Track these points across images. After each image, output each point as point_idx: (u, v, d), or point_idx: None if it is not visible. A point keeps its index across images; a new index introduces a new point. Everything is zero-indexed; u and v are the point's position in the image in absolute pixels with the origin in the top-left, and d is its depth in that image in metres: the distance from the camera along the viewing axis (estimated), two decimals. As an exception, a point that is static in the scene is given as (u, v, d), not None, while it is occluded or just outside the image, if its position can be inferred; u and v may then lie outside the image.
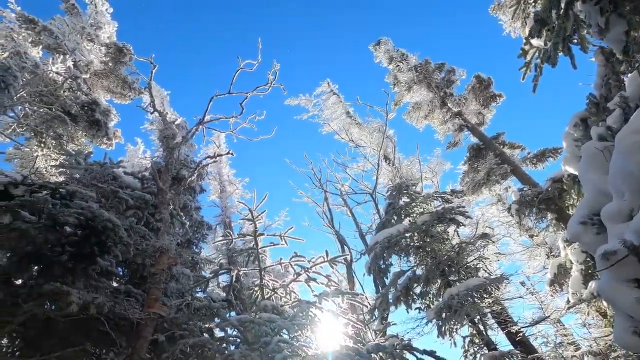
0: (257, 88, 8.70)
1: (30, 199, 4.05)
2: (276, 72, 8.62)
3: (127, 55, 11.56)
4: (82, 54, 10.66)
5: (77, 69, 10.53)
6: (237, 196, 15.92)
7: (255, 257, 6.93)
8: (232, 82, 8.45)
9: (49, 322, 4.88)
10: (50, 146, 9.30)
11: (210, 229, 11.46)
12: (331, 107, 16.74)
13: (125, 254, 4.82)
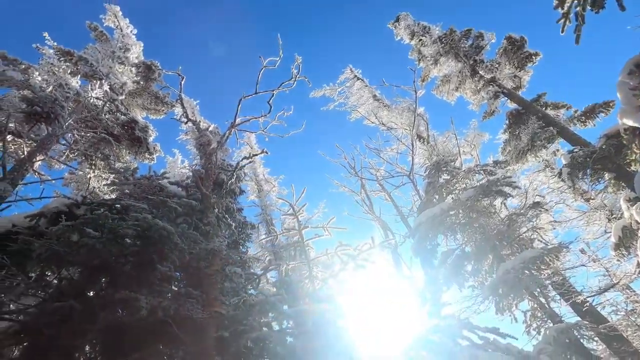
0: (282, 84, 8.76)
1: (92, 216, 4.38)
2: (299, 65, 8.62)
3: (155, 72, 12.07)
4: (116, 77, 11.27)
5: (113, 91, 11.15)
6: (275, 194, 16.24)
7: (302, 250, 7.04)
8: (257, 82, 8.57)
9: (123, 327, 5.27)
10: (100, 167, 9.98)
11: (254, 228, 11.79)
12: (357, 93, 16.48)
13: (181, 258, 5.09)
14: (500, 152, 12.65)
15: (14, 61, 8.85)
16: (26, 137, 8.04)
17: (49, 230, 4.67)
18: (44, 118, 7.64)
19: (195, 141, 9.62)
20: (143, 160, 11.87)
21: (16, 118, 7.63)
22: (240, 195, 11.07)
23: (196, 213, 6.38)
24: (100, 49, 11.64)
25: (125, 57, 11.97)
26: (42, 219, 4.99)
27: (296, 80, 8.67)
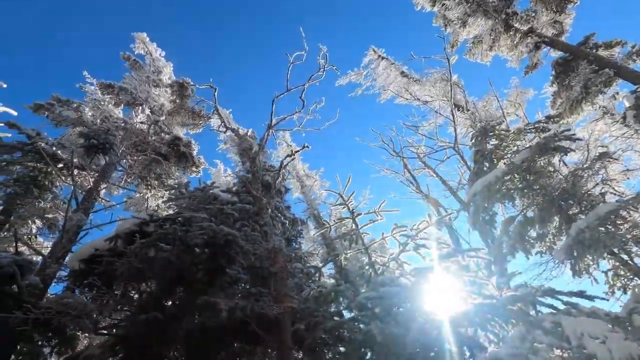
0: (311, 77, 8.75)
1: (163, 231, 4.69)
2: (326, 55, 8.55)
3: (188, 89, 12.57)
4: (154, 100, 11.89)
5: (154, 114, 11.79)
6: (317, 187, 16.37)
7: (357, 238, 7.05)
8: (287, 79, 8.63)
9: (205, 330, 5.59)
10: (155, 186, 10.64)
11: (304, 224, 12.00)
12: (383, 73, 16.04)
13: (247, 260, 5.30)
14: (550, 107, 11.75)
15: (67, 102, 9.65)
16: (89, 169, 8.76)
17: (127, 250, 5.06)
18: (100, 149, 8.27)
19: (237, 148, 9.93)
20: (190, 174, 12.48)
21: (78, 153, 8.33)
22: (286, 193, 11.30)
23: (251, 216, 6.59)
24: (135, 76, 12.32)
25: (159, 80, 12.58)
26: (119, 240, 5.41)
27: (325, 70, 8.62)
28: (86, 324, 6.22)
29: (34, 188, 8.86)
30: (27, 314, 4.87)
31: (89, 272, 5.60)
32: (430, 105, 13.57)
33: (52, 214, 8.94)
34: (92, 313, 5.15)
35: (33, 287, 5.93)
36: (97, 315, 5.73)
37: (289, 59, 8.57)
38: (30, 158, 8.20)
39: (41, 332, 6.59)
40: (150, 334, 5.73)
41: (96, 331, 5.68)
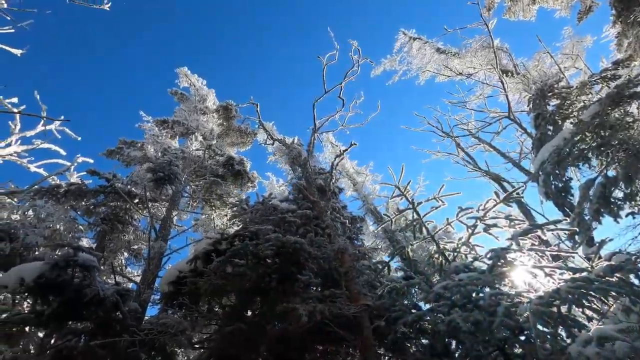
0: (347, 74, 8.74)
1: (236, 248, 5.00)
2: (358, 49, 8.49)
3: (232, 110, 13.24)
4: (204, 126, 12.69)
5: (206, 139, 12.59)
6: (369, 181, 16.25)
7: (421, 227, 6.88)
8: (324, 81, 8.73)
9: (287, 335, 5.83)
10: (217, 206, 11.34)
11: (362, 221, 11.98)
12: (418, 54, 15.45)
13: (316, 264, 5.44)
14: (616, 50, 10.45)
15: (132, 143, 10.70)
16: (160, 200, 9.62)
17: (206, 269, 5.47)
18: (167, 180, 9.04)
19: (286, 157, 10.23)
20: (247, 190, 13.10)
21: (148, 187, 9.19)
22: (339, 193, 11.37)
23: (312, 221, 6.75)
24: (184, 107, 13.27)
25: (205, 107, 13.42)
26: (198, 261, 5.87)
27: (359, 64, 8.56)
28: (182, 341, 6.81)
29: (117, 224, 9.93)
30: (133, 336, 5.46)
31: (177, 293, 6.14)
32: (474, 77, 12.81)
33: (136, 245, 9.95)
34: (186, 330, 5.62)
35: (134, 312, 6.64)
36: (189, 332, 6.26)
37: (322, 61, 8.66)
38: (111, 198, 9.23)
39: (146, 352, 7.34)
40: (237, 343, 6.12)
41: (192, 346, 6.19)
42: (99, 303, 6.07)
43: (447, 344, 5.14)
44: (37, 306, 5.93)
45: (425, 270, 9.20)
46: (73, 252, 5.56)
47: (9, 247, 8.13)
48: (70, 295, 5.86)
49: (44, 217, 9.72)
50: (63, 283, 5.64)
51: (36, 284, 5.42)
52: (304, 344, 6.30)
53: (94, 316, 6.36)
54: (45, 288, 5.66)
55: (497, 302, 4.23)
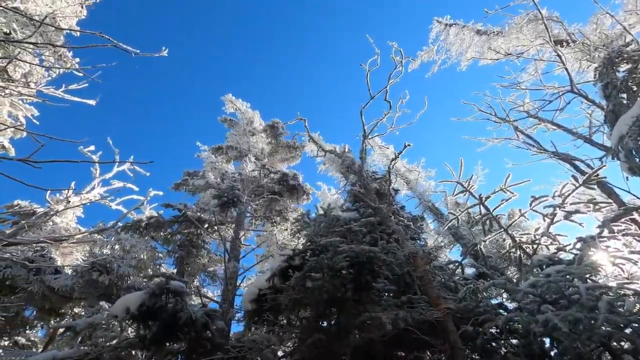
0: (390, 76, 8.71)
1: (312, 262, 5.19)
2: (400, 51, 8.43)
3: (279, 128, 13.75)
4: (255, 147, 13.31)
5: (258, 159, 13.17)
6: (423, 178, 15.81)
7: (491, 221, 6.59)
8: (368, 87, 8.77)
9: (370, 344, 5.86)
10: (278, 222, 11.78)
11: (422, 220, 11.72)
12: (456, 40, 14.86)
13: (390, 271, 5.45)
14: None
15: (195, 173, 11.53)
16: (226, 222, 10.23)
17: (284, 285, 5.73)
18: (231, 203, 9.62)
19: (339, 166, 10.37)
20: (302, 202, 13.44)
21: (215, 211, 9.84)
22: (396, 195, 11.25)
23: (377, 227, 6.77)
24: (234, 132, 14.03)
25: (253, 129, 14.07)
26: (275, 278, 6.16)
27: (402, 65, 8.50)
28: (268, 355, 7.14)
29: (192, 249, 10.72)
30: (228, 353, 5.85)
31: (259, 310, 6.48)
32: (524, 55, 12.02)
33: (211, 267, 10.66)
34: (274, 344, 5.90)
35: (221, 331, 7.12)
36: (276, 346, 6.56)
37: (365, 67, 8.71)
38: (184, 226, 10.02)
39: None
40: (319, 354, 6.28)
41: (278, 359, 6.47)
42: (191, 324, 6.59)
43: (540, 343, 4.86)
44: (141, 331, 6.60)
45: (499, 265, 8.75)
46: (165, 280, 6.13)
47: (107, 278, 9.12)
48: (166, 320, 6.43)
49: (129, 248, 10.78)
50: (160, 309, 6.23)
51: (139, 311, 6.05)
52: (386, 351, 6.30)
53: (187, 337, 6.90)
54: (146, 314, 6.29)
55: (597, 296, 3.92)
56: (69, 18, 10.28)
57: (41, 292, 9.80)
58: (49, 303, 10.37)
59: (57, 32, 10.27)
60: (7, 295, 10.00)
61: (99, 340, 7.23)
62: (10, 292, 9.87)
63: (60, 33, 10.60)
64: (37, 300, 10.19)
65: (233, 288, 8.19)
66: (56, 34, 9.74)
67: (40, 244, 9.76)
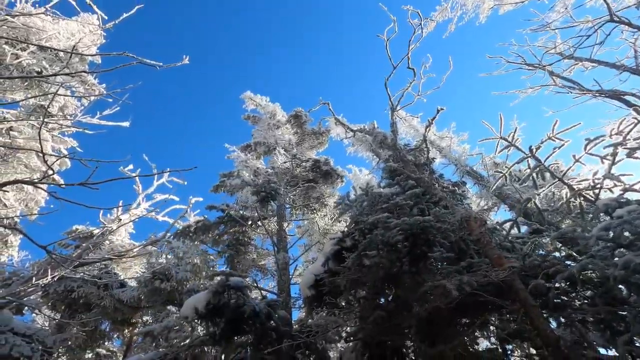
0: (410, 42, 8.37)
1: (366, 240, 5.19)
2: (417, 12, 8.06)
3: (302, 116, 13.72)
4: (282, 139, 13.39)
5: (287, 151, 13.25)
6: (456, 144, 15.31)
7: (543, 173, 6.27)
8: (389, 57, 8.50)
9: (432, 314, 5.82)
10: (317, 208, 11.87)
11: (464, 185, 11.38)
12: (471, -8, 14.03)
13: (445, 239, 5.35)
14: None
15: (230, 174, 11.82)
16: (268, 216, 10.45)
17: (340, 267, 5.79)
18: (270, 197, 9.79)
19: (371, 143, 10.22)
20: (338, 186, 13.42)
21: (256, 207, 10.06)
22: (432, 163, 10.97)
23: (422, 198, 6.64)
24: (259, 128, 14.16)
25: (277, 122, 14.14)
26: (329, 261, 6.23)
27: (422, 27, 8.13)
28: (332, 337, 7.30)
29: (240, 247, 11.06)
30: (295, 339, 6.03)
31: (318, 295, 6.61)
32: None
33: (260, 262, 10.97)
34: (340, 326, 6.02)
35: (284, 319, 7.35)
36: (339, 328, 6.69)
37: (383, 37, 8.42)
38: (229, 226, 10.34)
39: (301, 352, 8.07)
40: (382, 330, 6.34)
41: (344, 340, 6.60)
42: (255, 316, 6.85)
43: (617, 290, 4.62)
44: (210, 328, 6.94)
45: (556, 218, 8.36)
46: (225, 278, 6.37)
47: (168, 285, 9.64)
48: (232, 315, 6.71)
49: (182, 255, 11.30)
50: (224, 305, 6.50)
51: (206, 310, 6.35)
52: (451, 319, 6.25)
53: (253, 328, 7.18)
54: (212, 312, 6.59)
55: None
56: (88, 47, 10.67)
57: (112, 305, 10.54)
58: (121, 315, 11.15)
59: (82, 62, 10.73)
60: (84, 312, 10.85)
61: (174, 341, 7.70)
62: (86, 309, 10.70)
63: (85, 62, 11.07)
64: (110, 314, 10.99)
65: (287, 278, 8.40)
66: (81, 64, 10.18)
67: (104, 261, 10.46)
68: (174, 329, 7.90)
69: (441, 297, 5.09)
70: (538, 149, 5.80)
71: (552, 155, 5.78)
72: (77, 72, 5.25)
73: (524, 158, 5.94)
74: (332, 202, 11.58)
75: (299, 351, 7.89)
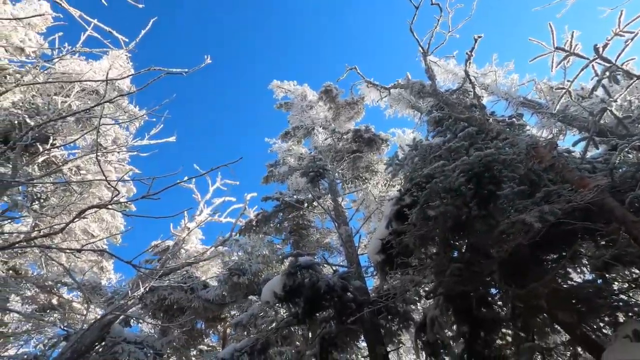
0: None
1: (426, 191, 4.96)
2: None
3: (333, 90, 13.44)
4: (317, 118, 13.25)
5: (325, 128, 13.11)
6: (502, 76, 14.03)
7: (615, 76, 5.45)
8: (410, 0, 7.85)
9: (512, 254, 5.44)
10: (368, 177, 11.68)
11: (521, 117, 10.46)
12: None
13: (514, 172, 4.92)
14: None
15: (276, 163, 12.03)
16: (321, 195, 10.51)
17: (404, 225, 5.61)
18: (319, 175, 9.79)
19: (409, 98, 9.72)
20: (383, 152, 13.05)
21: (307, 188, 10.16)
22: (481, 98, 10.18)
23: (477, 137, 6.16)
24: (293, 113, 14.15)
25: (308, 102, 14.01)
26: (392, 222, 6.08)
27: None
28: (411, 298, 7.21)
29: (301, 230, 11.30)
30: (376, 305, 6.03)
31: (387, 259, 6.52)
32: None
33: (324, 240, 11.14)
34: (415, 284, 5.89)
35: (360, 289, 7.41)
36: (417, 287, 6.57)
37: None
38: (287, 212, 10.59)
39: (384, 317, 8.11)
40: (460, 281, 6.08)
41: (426, 297, 6.47)
42: (331, 291, 6.96)
43: None
44: (291, 309, 7.22)
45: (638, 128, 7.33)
46: (295, 259, 6.53)
47: (245, 279, 10.18)
48: (309, 293, 6.89)
49: (251, 250, 11.84)
50: (300, 285, 6.69)
51: (284, 292, 6.59)
52: (536, 256, 5.82)
53: (332, 302, 7.33)
54: (290, 293, 6.82)
55: None
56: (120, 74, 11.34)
57: (201, 305, 11.44)
58: (211, 312, 12.08)
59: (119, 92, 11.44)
60: (179, 316, 11.92)
61: (262, 327, 8.15)
62: (180, 312, 11.74)
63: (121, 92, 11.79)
64: (201, 313, 11.95)
65: (353, 249, 8.42)
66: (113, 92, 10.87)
67: (184, 267, 11.33)
68: (259, 316, 8.37)
69: (521, 235, 4.72)
70: (605, 47, 5.01)
71: (622, 54, 4.97)
72: (115, 98, 5.55)
73: (588, 63, 5.19)
74: (382, 167, 11.30)
75: (380, 316, 7.95)
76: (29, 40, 9.51)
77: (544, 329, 5.97)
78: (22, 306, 11.78)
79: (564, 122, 11.30)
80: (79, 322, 11.52)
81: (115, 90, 11.43)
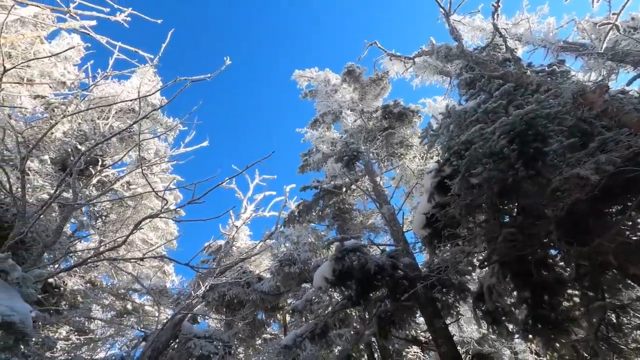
0: None
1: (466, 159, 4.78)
2: None
3: (355, 70, 13.20)
4: (344, 100, 13.10)
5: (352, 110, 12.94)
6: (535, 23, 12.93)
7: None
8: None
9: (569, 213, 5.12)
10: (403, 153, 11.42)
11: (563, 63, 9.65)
12: None
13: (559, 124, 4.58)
14: None
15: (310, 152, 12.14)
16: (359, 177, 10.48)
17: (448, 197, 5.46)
18: (353, 158, 9.76)
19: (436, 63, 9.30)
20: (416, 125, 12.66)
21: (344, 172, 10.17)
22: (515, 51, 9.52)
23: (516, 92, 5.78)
24: (319, 100, 14.09)
25: (333, 86, 13.86)
26: (434, 195, 5.95)
27: None
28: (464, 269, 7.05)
29: (344, 215, 11.36)
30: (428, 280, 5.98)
31: (434, 232, 6.40)
32: None
33: (368, 222, 11.14)
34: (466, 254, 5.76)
35: (410, 266, 7.37)
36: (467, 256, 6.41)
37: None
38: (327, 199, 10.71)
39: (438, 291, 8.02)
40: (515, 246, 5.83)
41: (480, 266, 6.31)
42: (381, 270, 6.99)
43: None
44: (345, 292, 7.36)
45: None
46: (341, 243, 6.62)
47: (296, 268, 10.49)
48: (359, 274, 6.97)
49: (297, 239, 12.14)
50: (349, 268, 6.78)
51: (334, 276, 6.72)
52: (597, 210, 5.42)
53: (383, 282, 7.36)
54: (341, 277, 6.95)
55: None
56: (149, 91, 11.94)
57: (259, 297, 12.00)
58: (268, 303, 12.64)
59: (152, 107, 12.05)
60: (240, 309, 12.61)
61: (318, 312, 8.40)
62: (241, 306, 12.41)
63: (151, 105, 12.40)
64: (259, 305, 12.55)
65: (398, 227, 8.35)
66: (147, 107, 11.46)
67: (237, 264, 11.89)
68: (314, 301, 8.64)
69: (577, 190, 4.42)
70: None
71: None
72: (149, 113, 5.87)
73: None
74: (416, 141, 10.98)
75: (434, 290, 7.87)
76: (68, 73, 10.27)
77: (615, 286, 5.60)
78: (102, 313, 13.07)
79: (615, 60, 10.27)
80: (153, 322, 12.59)
81: (149, 105, 12.06)
